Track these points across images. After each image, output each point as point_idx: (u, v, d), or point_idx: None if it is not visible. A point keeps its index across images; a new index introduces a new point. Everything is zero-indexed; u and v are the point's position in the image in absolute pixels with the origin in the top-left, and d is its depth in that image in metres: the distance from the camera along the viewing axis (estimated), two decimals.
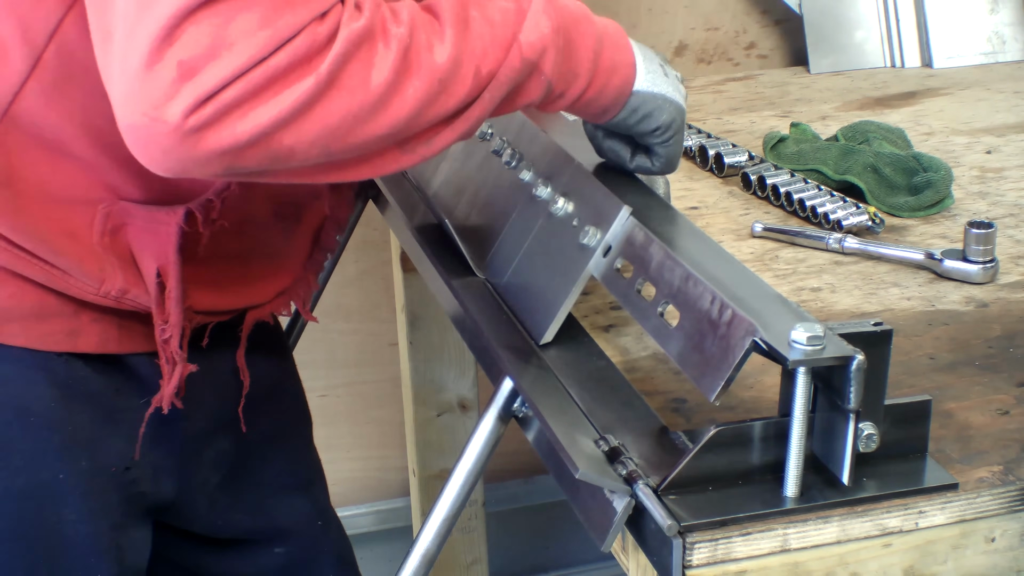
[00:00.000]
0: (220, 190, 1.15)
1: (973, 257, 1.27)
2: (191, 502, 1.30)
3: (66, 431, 1.15)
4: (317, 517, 1.44)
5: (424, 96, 0.96)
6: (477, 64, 0.99)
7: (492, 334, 1.13)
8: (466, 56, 0.99)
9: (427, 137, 1.00)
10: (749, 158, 1.57)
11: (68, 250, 1.11)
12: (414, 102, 0.96)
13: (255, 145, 0.90)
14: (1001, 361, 1.12)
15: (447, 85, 0.98)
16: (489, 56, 1.00)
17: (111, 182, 1.12)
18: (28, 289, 1.11)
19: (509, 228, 1.22)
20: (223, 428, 1.32)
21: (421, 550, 1.09)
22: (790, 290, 1.27)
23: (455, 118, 1.01)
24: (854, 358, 0.88)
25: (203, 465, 1.31)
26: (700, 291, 0.96)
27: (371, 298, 2.10)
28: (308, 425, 1.48)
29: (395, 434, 2.16)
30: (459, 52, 0.98)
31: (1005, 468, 0.96)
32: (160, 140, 0.89)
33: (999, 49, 2.05)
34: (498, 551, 2.19)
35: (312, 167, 0.96)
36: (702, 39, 2.12)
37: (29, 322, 1.12)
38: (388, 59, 0.94)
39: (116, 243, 1.13)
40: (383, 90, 0.94)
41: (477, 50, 1.00)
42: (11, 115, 1.08)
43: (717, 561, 0.88)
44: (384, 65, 0.94)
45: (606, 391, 1.06)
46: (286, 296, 1.32)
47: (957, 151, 1.64)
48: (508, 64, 1.01)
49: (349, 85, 0.92)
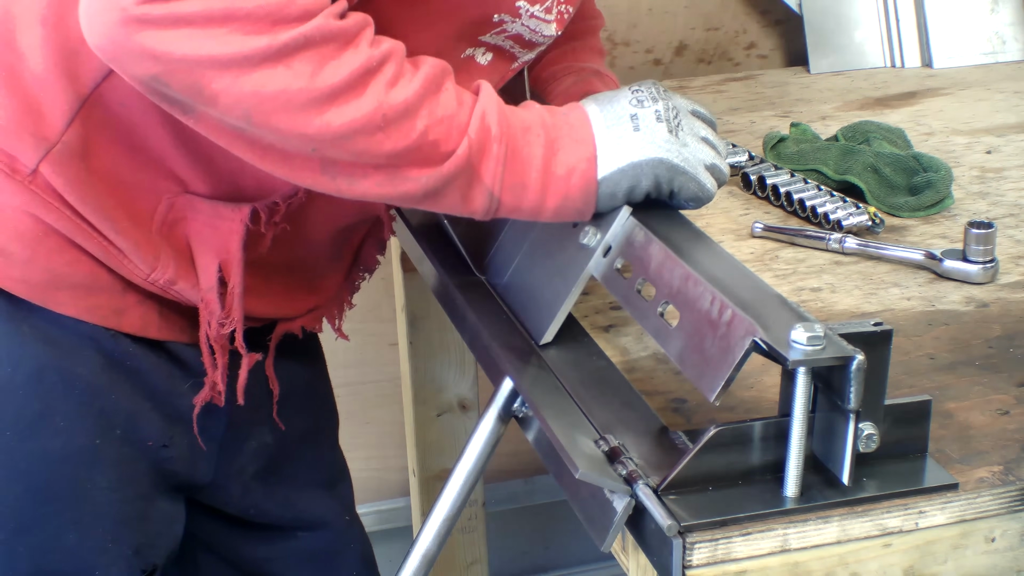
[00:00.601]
0: (287, 195, 1.15)
1: (973, 257, 1.27)
2: (226, 487, 1.32)
3: (108, 399, 1.16)
4: (344, 513, 1.45)
5: (363, 122, 0.96)
6: (428, 126, 0.99)
7: (492, 334, 1.13)
8: (422, 111, 0.99)
9: (351, 171, 1.00)
10: (749, 158, 1.57)
11: (128, 232, 1.12)
12: (350, 122, 0.96)
13: (185, 69, 0.92)
14: (1001, 361, 1.12)
15: (390, 125, 0.97)
16: (443, 128, 1.00)
17: (181, 174, 1.13)
18: (84, 260, 1.12)
19: (509, 228, 1.22)
20: (264, 421, 1.33)
21: (421, 550, 1.09)
22: (790, 290, 1.27)
23: (387, 170, 1.00)
24: (854, 358, 0.88)
25: (242, 454, 1.32)
26: (700, 291, 0.96)
27: (371, 298, 2.10)
28: (337, 425, 1.49)
29: (395, 434, 2.16)
30: (417, 103, 0.98)
31: (1005, 468, 0.96)
32: (106, 14, 0.92)
33: (999, 49, 2.05)
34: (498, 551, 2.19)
35: (230, 130, 0.97)
36: (702, 39, 2.12)
37: (79, 292, 1.13)
38: (345, 66, 0.95)
39: (174, 234, 1.14)
40: (327, 91, 0.95)
41: (436, 114, 0.99)
42: (100, 91, 1.09)
43: (717, 561, 0.88)
44: (339, 69, 0.95)
45: (606, 391, 1.06)
46: (319, 312, 1.32)
47: (957, 151, 1.64)
48: (457, 151, 1.01)
49: (297, 68, 0.93)
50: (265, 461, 1.35)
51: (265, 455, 1.35)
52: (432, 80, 1.00)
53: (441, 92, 1.01)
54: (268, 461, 1.35)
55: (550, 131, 1.05)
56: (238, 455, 1.32)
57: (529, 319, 1.14)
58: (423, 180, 1.01)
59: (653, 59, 2.11)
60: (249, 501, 1.35)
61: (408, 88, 0.98)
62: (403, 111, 0.98)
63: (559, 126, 1.06)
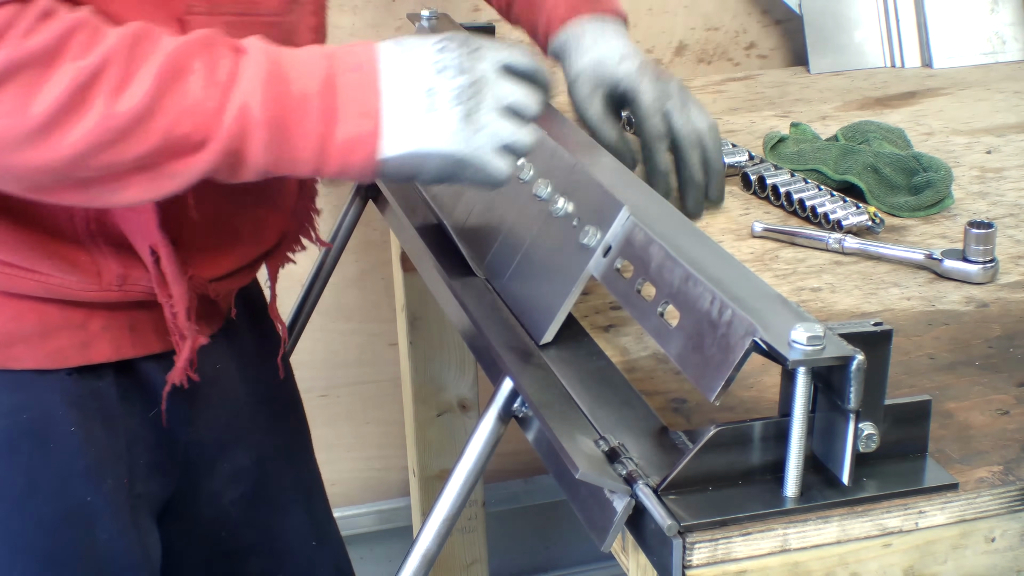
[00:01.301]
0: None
1: (973, 257, 1.27)
2: (196, 511, 1.29)
3: (89, 454, 1.13)
4: (314, 535, 1.41)
5: (94, 140, 0.91)
6: (171, 122, 0.93)
7: (492, 334, 1.13)
8: (160, 111, 0.92)
9: (110, 183, 0.95)
10: (749, 158, 1.57)
11: (58, 251, 1.08)
12: (81, 144, 0.91)
13: None
14: (1001, 361, 1.12)
15: (125, 136, 0.92)
16: (190, 120, 0.93)
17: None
18: (28, 307, 1.09)
19: (509, 228, 1.22)
20: (238, 442, 1.30)
21: (421, 550, 1.09)
22: (790, 290, 1.27)
23: (145, 172, 0.95)
24: (854, 358, 0.88)
25: (216, 476, 1.29)
26: (700, 291, 0.96)
27: (371, 298, 2.10)
28: (310, 437, 1.46)
29: (395, 434, 2.16)
30: (151, 105, 0.92)
31: (1005, 468, 0.96)
32: None
33: (999, 49, 2.05)
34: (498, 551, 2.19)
35: None
36: (702, 39, 2.12)
37: (34, 342, 1.10)
38: (54, 91, 0.89)
39: (104, 229, 1.09)
40: (42, 121, 0.90)
41: (179, 106, 0.93)
42: None
43: (717, 561, 0.88)
44: (49, 96, 0.89)
45: (606, 391, 1.06)
46: (292, 233, 1.27)
47: (957, 151, 1.64)
48: (212, 141, 0.94)
49: (4, 104, 0.89)
50: (245, 487, 1.32)
51: (247, 479, 1.32)
52: (169, 69, 0.92)
53: (185, 79, 0.93)
54: (248, 487, 1.32)
55: (331, 98, 0.97)
56: (211, 478, 1.29)
57: (529, 319, 1.14)
58: (187, 172, 0.95)
59: (653, 59, 2.10)
60: (221, 525, 1.32)
61: (137, 91, 0.92)
62: (136, 118, 0.92)
63: (344, 88, 0.98)
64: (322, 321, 2.02)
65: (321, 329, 2.04)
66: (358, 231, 1.66)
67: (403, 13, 1.91)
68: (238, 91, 0.95)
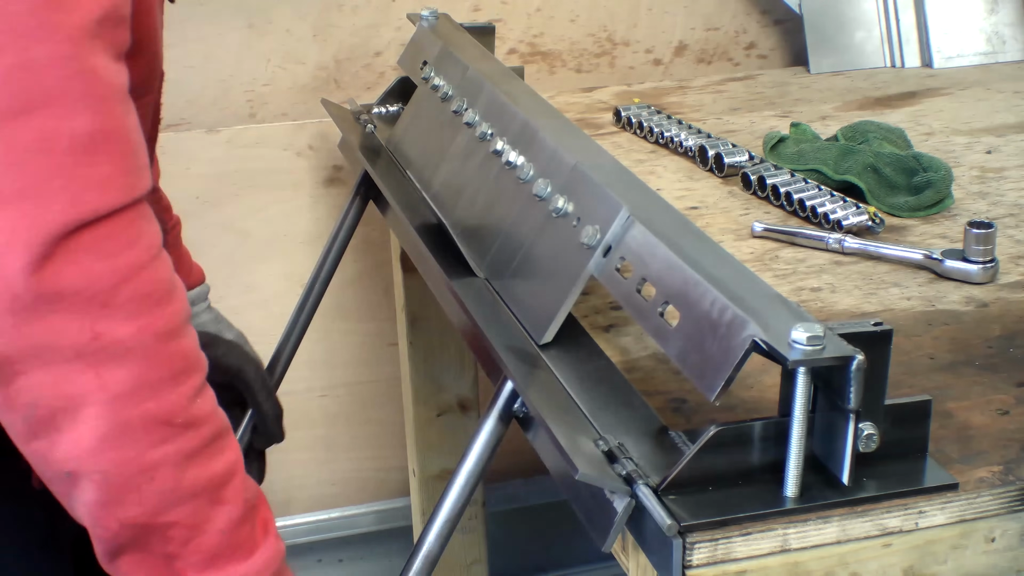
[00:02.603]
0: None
1: (973, 257, 1.27)
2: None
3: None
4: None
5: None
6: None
7: (492, 334, 1.13)
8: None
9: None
10: (749, 158, 1.57)
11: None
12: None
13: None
14: (1001, 361, 1.12)
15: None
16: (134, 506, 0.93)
17: None
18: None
19: (509, 228, 1.22)
20: None
21: (423, 551, 1.09)
22: (790, 290, 1.27)
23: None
24: (854, 358, 0.88)
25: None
26: (700, 291, 0.96)
27: (371, 298, 2.09)
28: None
29: (395, 434, 2.16)
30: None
31: (1005, 468, 0.96)
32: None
33: (999, 49, 2.05)
34: (498, 551, 2.19)
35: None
36: (702, 39, 2.12)
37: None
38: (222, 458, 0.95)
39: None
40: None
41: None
42: None
43: (717, 561, 0.88)
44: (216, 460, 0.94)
45: (606, 391, 1.06)
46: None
47: (957, 151, 1.64)
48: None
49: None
50: None
51: None
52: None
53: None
54: None
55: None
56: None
57: (529, 319, 1.14)
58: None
59: (653, 59, 2.11)
60: None
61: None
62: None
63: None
64: (322, 321, 2.01)
65: (321, 329, 2.03)
66: (358, 231, 1.66)
67: (403, 13, 1.91)
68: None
